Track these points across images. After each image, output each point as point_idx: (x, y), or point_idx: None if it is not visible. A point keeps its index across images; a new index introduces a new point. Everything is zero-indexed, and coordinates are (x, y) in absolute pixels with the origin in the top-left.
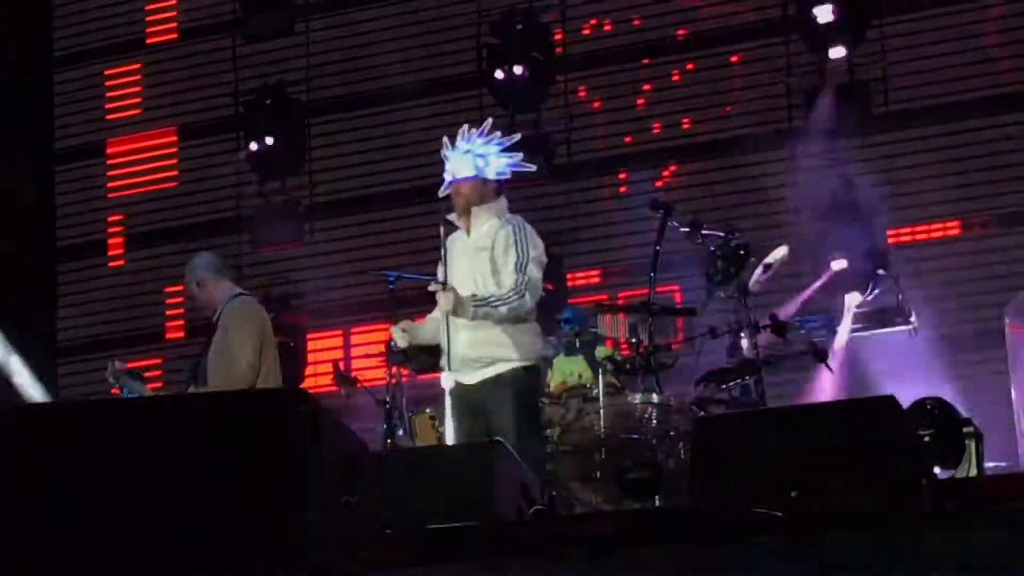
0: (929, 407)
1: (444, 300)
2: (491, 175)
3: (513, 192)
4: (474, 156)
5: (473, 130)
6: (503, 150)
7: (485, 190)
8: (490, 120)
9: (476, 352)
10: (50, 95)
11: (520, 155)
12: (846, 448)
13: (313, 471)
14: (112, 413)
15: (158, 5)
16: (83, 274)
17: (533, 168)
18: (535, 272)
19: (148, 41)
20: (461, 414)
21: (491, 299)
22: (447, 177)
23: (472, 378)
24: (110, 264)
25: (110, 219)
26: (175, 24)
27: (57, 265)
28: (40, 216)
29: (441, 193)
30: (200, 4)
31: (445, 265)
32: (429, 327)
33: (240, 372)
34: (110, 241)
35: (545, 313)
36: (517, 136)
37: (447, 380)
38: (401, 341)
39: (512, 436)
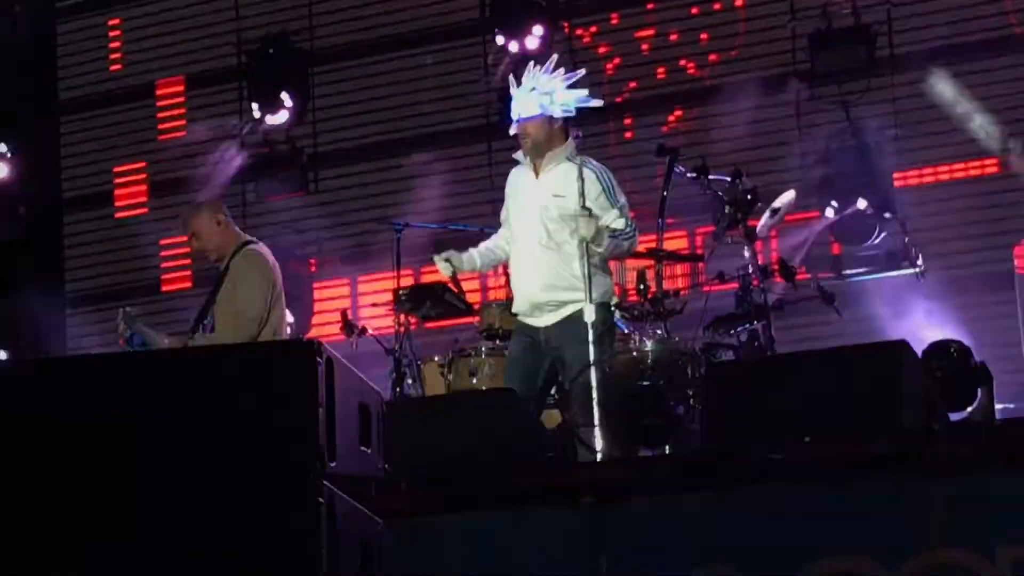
0: (942, 350)
1: (586, 227)
2: (558, 112)
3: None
4: (540, 94)
5: (538, 67)
6: (569, 85)
7: (552, 129)
8: (555, 56)
9: (549, 296)
10: (53, 46)
11: (586, 91)
12: (859, 394)
13: (329, 421)
14: (124, 366)
15: None
16: (90, 224)
17: (599, 103)
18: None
19: None
20: (523, 347)
21: (621, 233)
22: (513, 116)
23: (543, 320)
24: (115, 215)
25: (116, 169)
26: None
27: (63, 216)
28: (46, 167)
29: (512, 132)
30: None
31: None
32: (476, 257)
33: (248, 323)
34: (116, 192)
35: None
36: (582, 72)
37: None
38: (445, 270)
39: (582, 378)
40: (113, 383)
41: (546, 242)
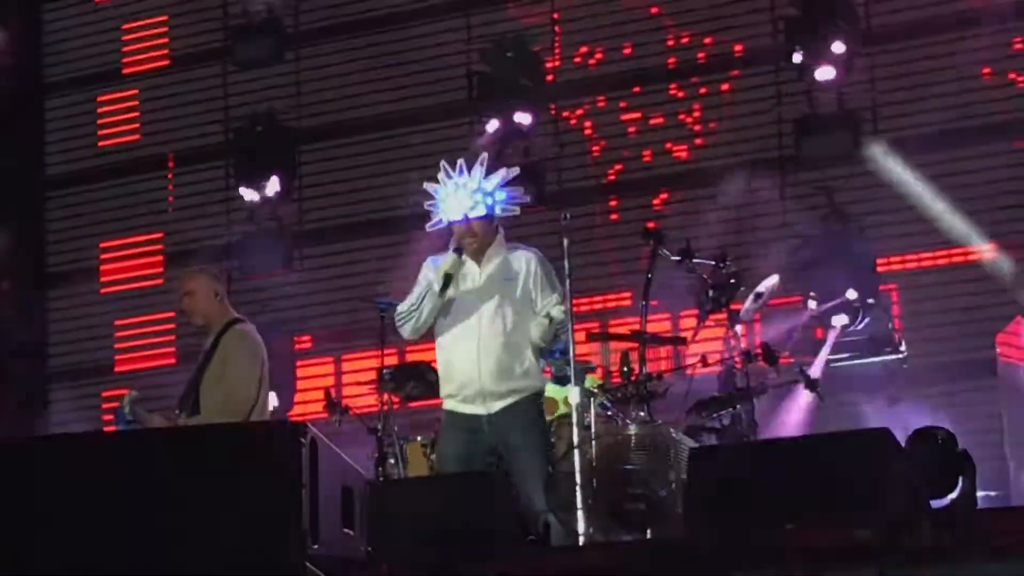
0: (927, 436)
1: (538, 330)
2: (499, 212)
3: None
4: (484, 194)
5: (474, 165)
6: (503, 185)
7: (493, 226)
8: (485, 155)
9: (499, 384)
10: (41, 122)
11: (520, 188)
12: (841, 480)
13: (313, 503)
14: (118, 443)
15: (149, 32)
16: (73, 300)
17: (528, 200)
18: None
19: (139, 69)
20: (464, 442)
21: (561, 324)
22: (451, 215)
23: (488, 407)
24: (101, 291)
25: (102, 245)
26: (166, 51)
27: (48, 290)
28: (29, 244)
29: (430, 228)
30: (190, 32)
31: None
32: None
33: (238, 405)
34: (102, 268)
35: None
36: (516, 170)
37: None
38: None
39: (534, 462)
40: (97, 462)
41: (497, 331)
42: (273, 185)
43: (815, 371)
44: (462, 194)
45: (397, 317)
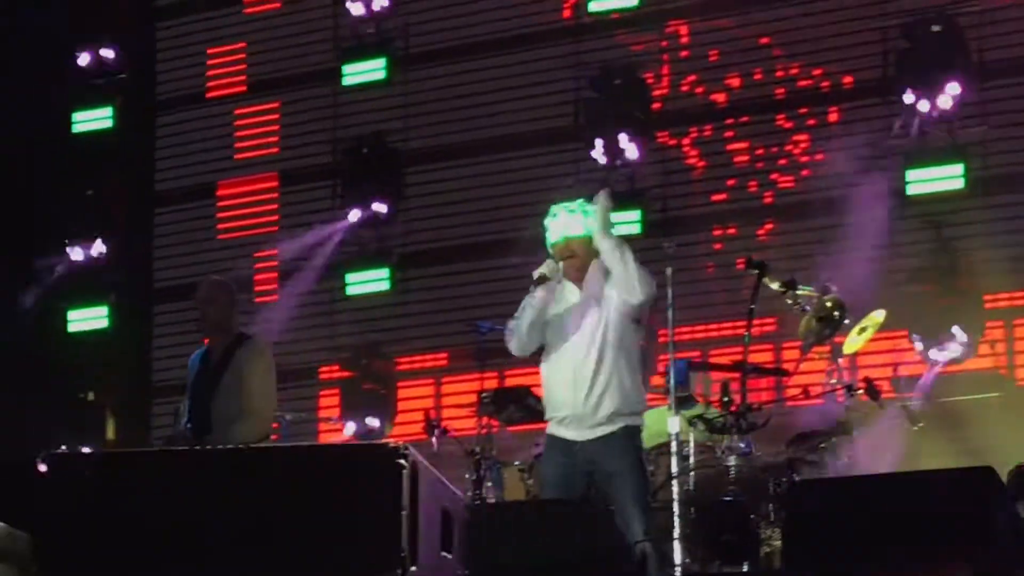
0: None
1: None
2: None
3: None
4: (584, 214)
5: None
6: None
7: (592, 249)
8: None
9: (598, 411)
10: (152, 138)
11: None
12: (944, 518)
13: (412, 525)
14: (221, 460)
15: (260, 52)
16: (184, 315)
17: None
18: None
19: (245, 89)
20: (561, 465)
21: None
22: (552, 237)
23: (583, 434)
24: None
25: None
26: (276, 73)
27: (155, 306)
28: (141, 258)
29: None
30: (301, 52)
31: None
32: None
33: (266, 421)
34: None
35: None
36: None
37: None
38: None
39: (630, 490)
40: (199, 478)
41: (593, 354)
42: (378, 206)
43: (917, 405)
44: (563, 215)
45: (506, 334)
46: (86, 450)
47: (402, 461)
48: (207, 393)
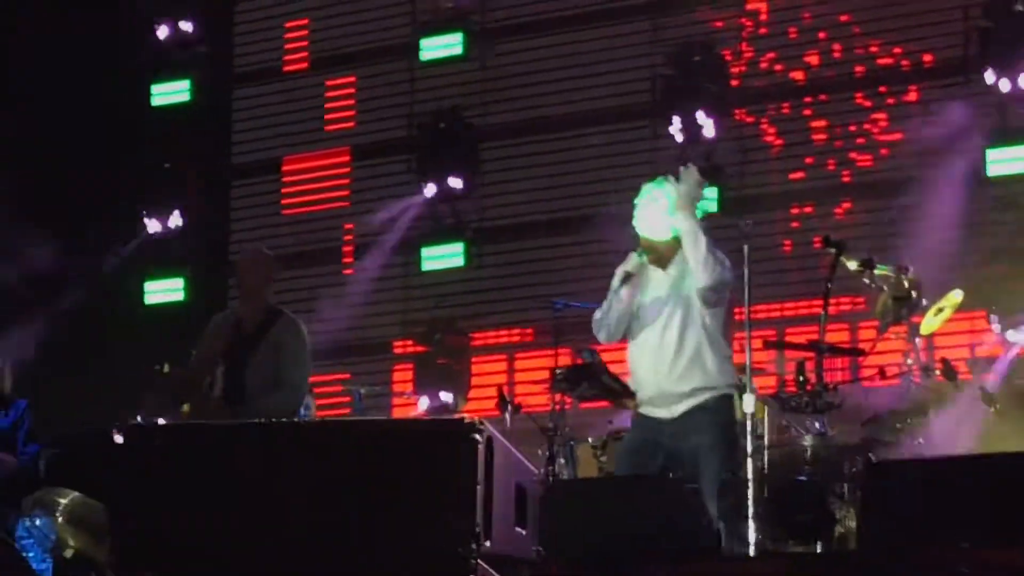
0: None
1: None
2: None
3: None
4: (671, 215)
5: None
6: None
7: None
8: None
9: (682, 387)
10: (229, 111)
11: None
12: (1019, 500)
13: (487, 500)
14: (301, 433)
15: (338, 26)
16: None
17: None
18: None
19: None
20: (642, 441)
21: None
22: (641, 228)
23: (671, 411)
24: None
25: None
26: (353, 47)
27: (231, 278)
28: (217, 230)
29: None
30: (379, 27)
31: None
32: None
33: (297, 396)
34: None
35: None
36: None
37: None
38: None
39: (711, 466)
40: (280, 449)
41: (676, 335)
42: (455, 181)
43: (994, 386)
44: (653, 211)
45: (593, 324)
46: (161, 421)
47: (477, 436)
48: (242, 363)
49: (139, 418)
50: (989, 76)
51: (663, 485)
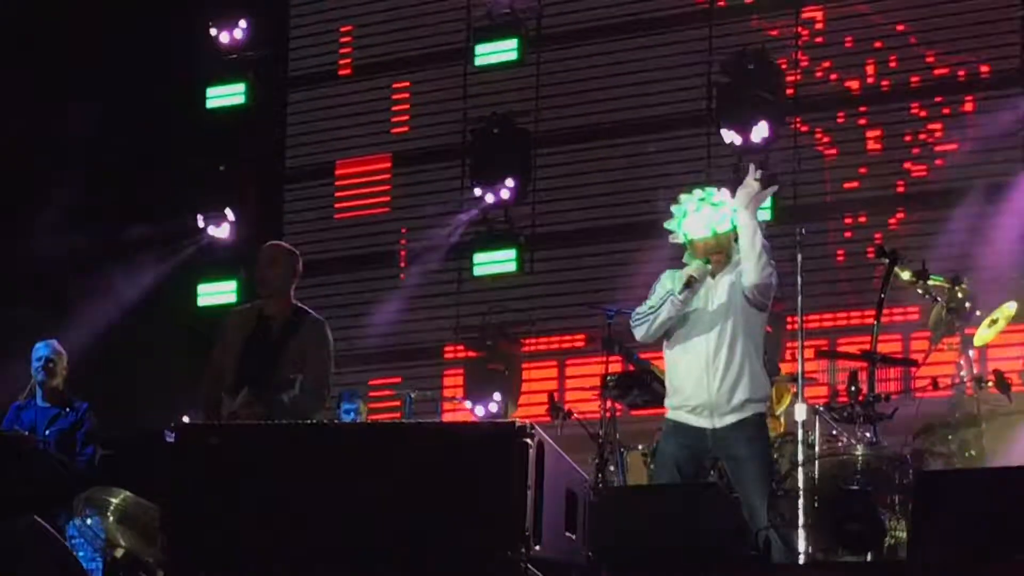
0: None
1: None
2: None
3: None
4: (724, 209)
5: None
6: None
7: (732, 241)
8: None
9: (732, 399)
10: (283, 115)
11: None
12: None
13: (537, 504)
14: (355, 434)
15: (393, 31)
16: (314, 291)
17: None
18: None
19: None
20: (685, 449)
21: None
22: (696, 231)
23: (716, 422)
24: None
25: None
26: (408, 52)
27: None
28: (271, 234)
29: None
30: (433, 32)
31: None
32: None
33: (323, 400)
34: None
35: None
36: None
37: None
38: (697, 271)
39: (759, 476)
40: (335, 451)
41: (729, 345)
42: (507, 187)
43: None
44: (708, 210)
45: (633, 318)
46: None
47: (528, 441)
48: (269, 360)
49: (187, 418)
50: None
51: (712, 493)
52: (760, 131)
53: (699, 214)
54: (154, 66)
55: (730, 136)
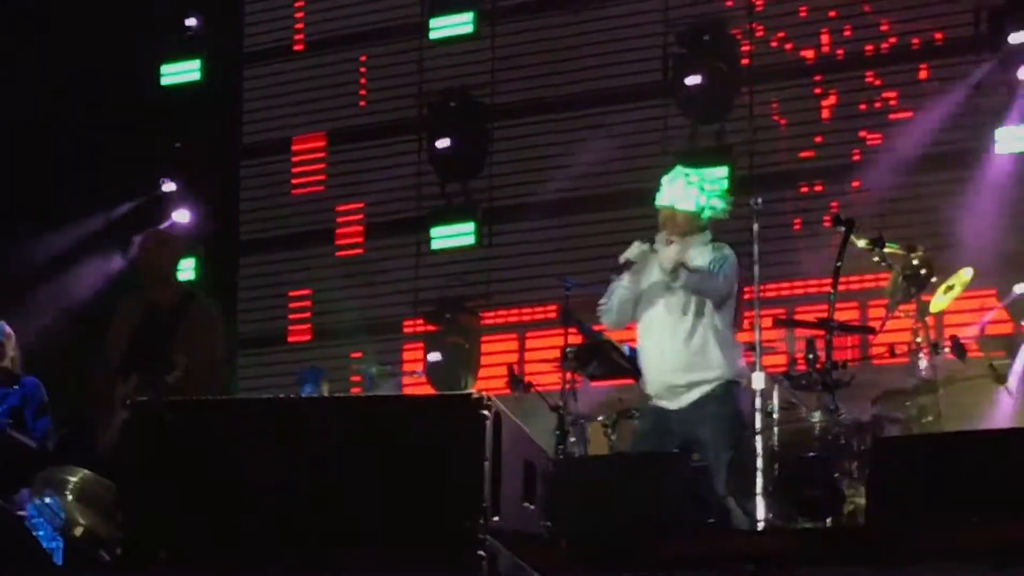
0: None
1: (670, 251)
2: (706, 215)
3: None
4: (700, 192)
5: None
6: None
7: (698, 224)
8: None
9: (685, 378)
10: (238, 92)
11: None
12: None
13: (495, 476)
14: (308, 408)
15: (347, 5)
16: (269, 267)
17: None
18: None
19: (333, 41)
20: (655, 433)
21: (699, 269)
22: (663, 199)
23: (678, 403)
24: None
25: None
26: (362, 27)
27: (240, 258)
28: (225, 211)
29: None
30: (388, 6)
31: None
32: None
33: (220, 373)
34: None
35: None
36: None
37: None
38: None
39: (720, 455)
40: (288, 425)
41: (683, 325)
42: (463, 161)
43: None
44: (680, 183)
45: (599, 311)
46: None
47: (485, 412)
48: (159, 346)
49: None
50: (1001, 56)
51: (671, 462)
52: (715, 102)
53: (671, 186)
54: (108, 45)
55: (685, 107)
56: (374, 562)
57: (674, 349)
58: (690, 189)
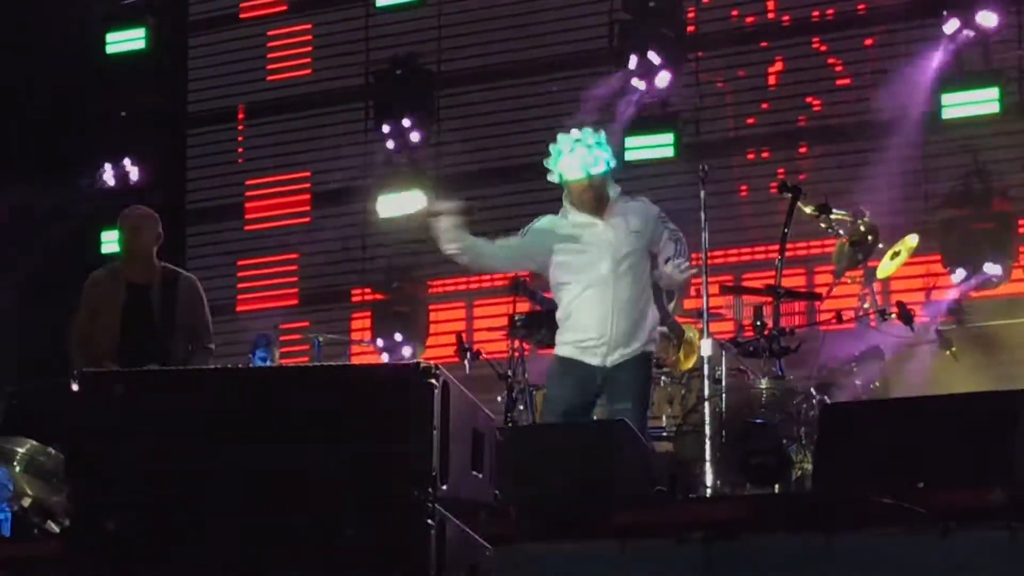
0: None
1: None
2: (613, 166)
3: (641, 169)
4: (599, 150)
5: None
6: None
7: (609, 181)
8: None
9: (628, 339)
10: (184, 60)
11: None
12: (974, 441)
13: (443, 444)
14: (251, 378)
15: None
16: (213, 236)
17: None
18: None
19: (279, 9)
20: (575, 388)
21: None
22: (570, 172)
23: (608, 360)
24: (245, 228)
25: (247, 183)
26: None
27: (187, 227)
28: (174, 181)
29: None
30: None
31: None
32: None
33: (210, 348)
34: (247, 204)
35: None
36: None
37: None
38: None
39: (636, 415)
40: (230, 395)
41: (629, 285)
42: (411, 129)
43: (950, 329)
44: (583, 151)
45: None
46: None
47: (433, 381)
48: (156, 331)
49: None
50: (950, 25)
51: (618, 430)
52: (661, 68)
53: (573, 155)
54: (51, 13)
55: (632, 74)
56: (321, 529)
57: (623, 309)
58: (593, 152)
